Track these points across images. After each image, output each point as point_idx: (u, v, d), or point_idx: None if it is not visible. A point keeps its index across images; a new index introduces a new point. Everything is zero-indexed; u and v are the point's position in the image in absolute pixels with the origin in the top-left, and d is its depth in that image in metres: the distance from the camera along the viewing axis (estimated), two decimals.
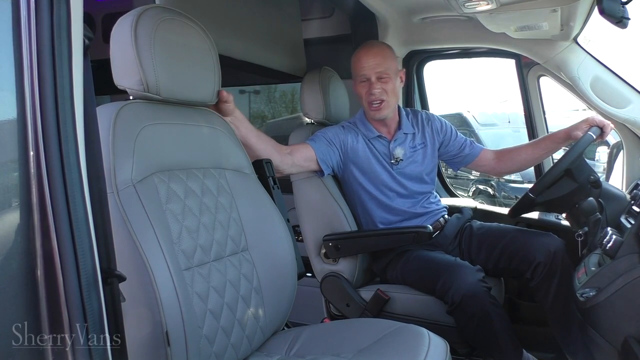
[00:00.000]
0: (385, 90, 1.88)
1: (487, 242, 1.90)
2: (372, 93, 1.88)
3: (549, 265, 1.73)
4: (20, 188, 0.67)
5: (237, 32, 1.93)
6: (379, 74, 1.87)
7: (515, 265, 1.81)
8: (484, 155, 2.08)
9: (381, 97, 1.88)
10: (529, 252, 1.76)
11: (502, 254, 1.84)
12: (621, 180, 2.10)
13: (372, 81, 1.88)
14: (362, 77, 1.90)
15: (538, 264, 1.74)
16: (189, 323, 1.10)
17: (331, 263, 1.93)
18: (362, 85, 1.91)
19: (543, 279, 1.74)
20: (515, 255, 1.80)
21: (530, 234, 1.88)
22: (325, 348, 1.31)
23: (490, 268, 1.84)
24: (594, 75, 2.02)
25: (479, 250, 1.90)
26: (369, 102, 1.90)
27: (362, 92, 1.92)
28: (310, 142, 1.86)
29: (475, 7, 1.67)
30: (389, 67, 1.89)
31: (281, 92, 4.65)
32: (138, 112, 1.19)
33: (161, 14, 1.21)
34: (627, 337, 1.25)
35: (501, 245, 1.85)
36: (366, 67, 1.88)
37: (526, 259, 1.77)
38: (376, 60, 1.87)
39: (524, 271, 1.78)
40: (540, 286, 1.76)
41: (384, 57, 1.89)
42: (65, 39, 0.68)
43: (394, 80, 1.91)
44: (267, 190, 1.48)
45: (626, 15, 1.35)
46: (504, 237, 1.87)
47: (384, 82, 1.88)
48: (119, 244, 0.84)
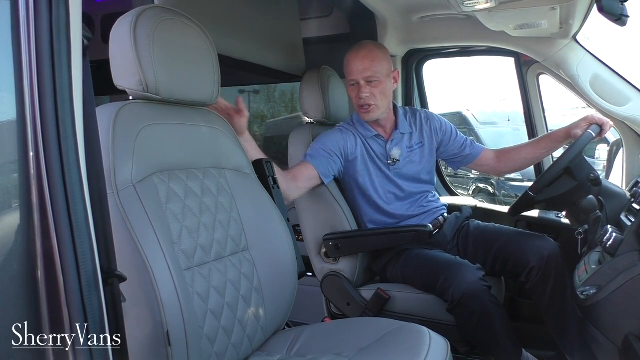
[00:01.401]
0: (373, 94, 1.86)
1: (483, 243, 1.90)
2: (360, 97, 1.87)
3: (543, 270, 1.72)
4: (20, 188, 0.67)
5: (236, 32, 1.93)
6: (367, 78, 1.85)
7: (510, 268, 1.81)
8: (484, 155, 2.08)
9: (369, 102, 1.87)
10: (522, 256, 1.76)
11: (498, 256, 1.84)
12: (621, 178, 2.10)
13: (361, 85, 1.86)
14: (351, 80, 1.90)
15: (532, 268, 1.73)
16: (190, 323, 1.10)
17: (331, 262, 1.93)
18: (352, 89, 1.91)
19: (537, 283, 1.74)
20: (510, 258, 1.80)
21: (524, 237, 1.86)
22: (326, 347, 1.31)
23: (488, 268, 1.84)
24: (593, 73, 2.02)
25: (475, 251, 1.90)
26: (358, 104, 1.90)
27: (352, 95, 1.92)
28: (310, 160, 1.84)
29: (474, 6, 1.67)
30: (378, 70, 1.86)
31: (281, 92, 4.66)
32: (138, 113, 1.19)
33: (160, 14, 1.21)
34: (628, 334, 1.25)
35: (496, 247, 1.85)
36: (355, 71, 1.87)
37: (520, 262, 1.76)
38: (364, 64, 1.85)
39: (519, 274, 1.78)
40: (535, 289, 1.75)
41: (372, 60, 1.86)
42: (65, 40, 0.68)
43: (384, 82, 1.88)
44: (267, 190, 1.48)
45: (625, 13, 1.35)
46: (498, 239, 1.86)
47: (373, 85, 1.86)
48: (119, 244, 0.84)
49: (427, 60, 2.67)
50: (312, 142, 1.93)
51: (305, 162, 1.84)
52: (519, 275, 1.78)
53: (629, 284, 1.26)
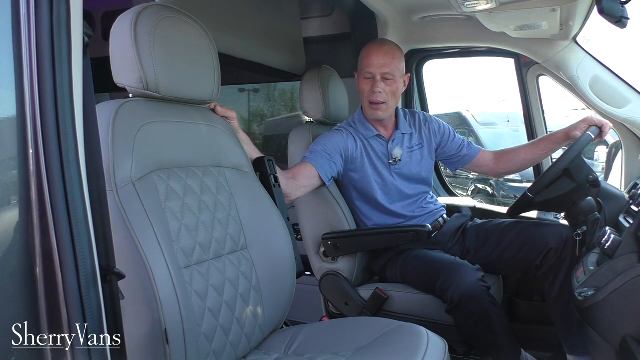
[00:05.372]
0: (386, 92, 1.87)
1: (495, 235, 1.89)
2: (373, 92, 1.86)
3: (561, 252, 1.74)
4: (19, 186, 0.66)
5: (237, 31, 1.92)
6: (384, 74, 1.85)
7: (522, 256, 1.81)
8: (482, 156, 2.08)
9: (380, 99, 1.87)
10: (541, 238, 1.77)
11: (511, 245, 1.84)
12: (620, 180, 2.10)
13: (377, 80, 1.86)
14: (367, 73, 1.88)
15: (550, 250, 1.74)
16: (188, 321, 1.10)
17: (330, 262, 1.94)
18: (365, 82, 1.89)
19: (552, 266, 1.75)
20: (526, 244, 1.80)
21: (541, 223, 1.89)
22: (324, 346, 1.31)
23: (493, 260, 1.84)
24: (593, 75, 2.03)
25: (484, 244, 1.90)
26: (370, 100, 1.89)
27: (364, 89, 1.90)
28: (310, 160, 1.83)
29: (474, 7, 1.67)
30: (396, 69, 1.87)
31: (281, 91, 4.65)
32: (137, 110, 1.18)
33: (161, 12, 1.21)
34: (626, 336, 1.25)
35: (512, 235, 1.85)
36: (374, 64, 1.86)
37: (538, 245, 1.77)
38: (385, 59, 1.85)
39: (532, 260, 1.78)
40: (548, 274, 1.76)
41: (393, 57, 1.86)
42: (65, 37, 0.68)
43: (397, 82, 1.89)
44: (268, 188, 1.48)
45: (625, 15, 1.35)
46: (514, 227, 1.87)
47: (388, 83, 1.86)
48: (118, 242, 0.84)
49: (428, 60, 2.67)
50: (311, 141, 1.92)
51: (306, 162, 1.83)
52: (532, 262, 1.78)
53: (627, 286, 1.26)
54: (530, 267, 1.80)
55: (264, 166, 1.53)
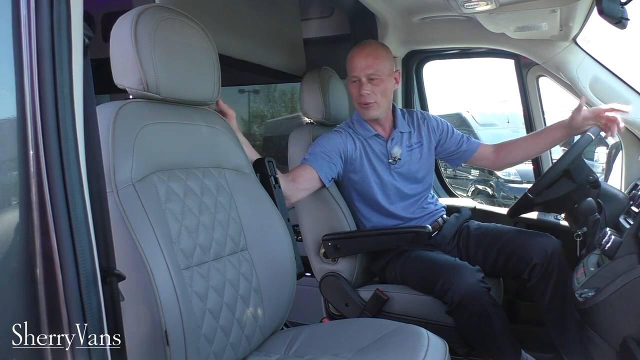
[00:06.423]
0: (374, 92, 1.87)
1: (485, 242, 1.90)
2: (361, 94, 1.87)
3: (546, 266, 1.73)
4: (19, 187, 0.66)
5: (237, 32, 1.93)
6: (369, 75, 1.86)
7: (512, 266, 1.81)
8: (482, 150, 2.08)
9: (369, 100, 1.87)
10: (525, 253, 1.77)
11: (500, 255, 1.84)
12: (620, 181, 2.10)
13: (363, 82, 1.87)
14: (353, 77, 1.90)
15: (535, 265, 1.74)
16: (188, 322, 1.10)
17: (330, 263, 1.93)
18: (353, 85, 1.91)
19: (539, 280, 1.74)
20: (512, 256, 1.80)
21: (527, 234, 1.88)
22: (324, 348, 1.31)
23: (488, 268, 1.84)
24: (593, 76, 2.02)
25: (477, 250, 1.91)
26: (358, 102, 1.91)
27: (353, 92, 1.92)
28: (310, 162, 1.82)
29: (474, 8, 1.67)
30: (381, 69, 1.87)
31: (281, 92, 4.66)
32: (138, 112, 1.18)
33: (161, 13, 1.21)
34: (626, 337, 1.25)
35: (498, 246, 1.85)
36: (357, 68, 1.87)
37: (523, 259, 1.77)
38: (367, 61, 1.86)
39: (521, 272, 1.79)
40: (537, 287, 1.76)
41: (375, 58, 1.87)
42: (65, 38, 0.68)
43: (386, 81, 1.88)
44: (268, 189, 1.48)
45: (625, 16, 1.35)
46: (501, 237, 1.87)
47: (374, 83, 1.86)
48: (118, 243, 0.84)
49: (427, 61, 2.67)
50: (311, 142, 1.92)
51: (306, 164, 1.83)
52: (520, 274, 1.79)
53: (627, 287, 1.26)
54: (520, 277, 1.81)
55: (264, 167, 1.53)
